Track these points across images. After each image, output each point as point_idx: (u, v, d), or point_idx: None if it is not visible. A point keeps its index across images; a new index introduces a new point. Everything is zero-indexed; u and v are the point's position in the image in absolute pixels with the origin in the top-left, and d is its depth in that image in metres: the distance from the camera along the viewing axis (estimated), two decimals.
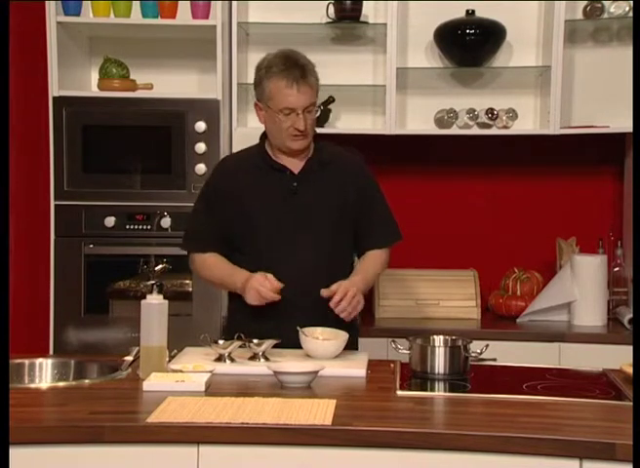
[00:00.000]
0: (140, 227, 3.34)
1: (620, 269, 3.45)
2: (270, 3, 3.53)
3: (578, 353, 3.10)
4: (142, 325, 2.25)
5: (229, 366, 2.32)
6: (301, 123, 2.46)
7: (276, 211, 2.52)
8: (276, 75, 2.47)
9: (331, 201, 2.54)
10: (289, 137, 2.49)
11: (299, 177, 2.54)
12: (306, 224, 2.52)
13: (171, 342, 2.31)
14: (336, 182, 2.56)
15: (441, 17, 3.48)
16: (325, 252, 2.52)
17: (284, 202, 2.53)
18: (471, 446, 1.80)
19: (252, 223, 2.53)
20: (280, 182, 2.54)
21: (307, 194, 2.53)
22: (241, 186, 2.55)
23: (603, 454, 1.75)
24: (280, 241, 2.52)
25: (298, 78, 2.45)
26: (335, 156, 2.60)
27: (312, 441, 1.83)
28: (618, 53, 3.49)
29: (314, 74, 2.51)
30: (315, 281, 2.46)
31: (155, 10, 3.35)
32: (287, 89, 2.45)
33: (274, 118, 2.48)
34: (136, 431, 1.85)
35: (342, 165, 2.60)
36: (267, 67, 2.50)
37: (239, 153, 2.72)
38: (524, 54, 3.54)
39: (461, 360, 2.26)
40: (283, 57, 2.51)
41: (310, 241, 2.51)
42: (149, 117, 3.32)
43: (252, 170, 2.57)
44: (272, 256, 2.50)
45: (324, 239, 2.53)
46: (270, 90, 2.48)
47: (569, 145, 3.51)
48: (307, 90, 2.46)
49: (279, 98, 2.46)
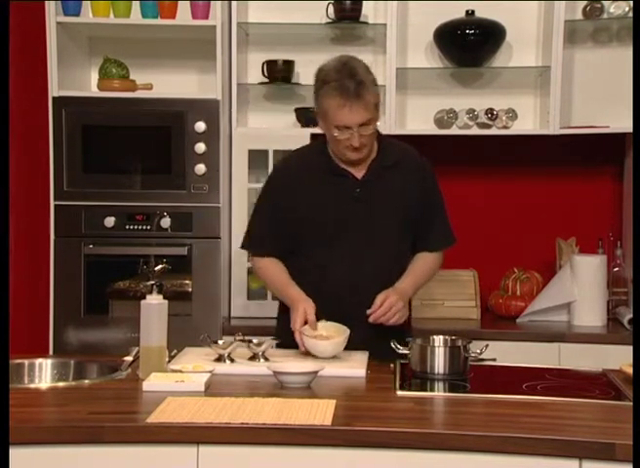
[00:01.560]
0: (139, 227, 3.34)
1: (619, 269, 3.45)
2: (270, 3, 3.53)
3: (577, 353, 3.10)
4: (142, 325, 2.25)
5: (229, 366, 2.31)
6: (356, 140, 2.41)
7: (338, 216, 2.50)
8: (330, 93, 2.39)
9: (394, 205, 2.51)
10: (345, 149, 2.46)
11: (361, 183, 2.51)
12: (369, 230, 2.50)
13: (170, 342, 2.31)
14: (399, 186, 2.53)
15: (441, 17, 3.48)
16: (386, 257, 2.51)
17: (346, 207, 2.50)
18: (471, 446, 1.80)
19: (313, 227, 2.51)
20: (343, 188, 2.51)
21: (370, 200, 2.51)
22: (304, 188, 2.52)
23: (602, 454, 1.75)
24: (341, 248, 2.50)
25: (351, 97, 2.36)
26: (398, 158, 2.55)
27: (312, 441, 1.83)
28: (617, 53, 3.49)
29: (371, 89, 2.40)
30: (375, 286, 2.46)
31: (155, 10, 3.35)
32: (339, 108, 2.38)
33: (330, 131, 2.45)
34: (135, 431, 1.84)
35: (406, 167, 2.56)
36: (323, 81, 2.42)
37: (301, 153, 2.66)
38: (524, 54, 3.54)
39: (461, 360, 2.26)
40: (339, 69, 2.40)
41: (372, 247, 2.50)
42: (149, 117, 3.32)
43: (315, 172, 2.53)
44: (332, 263, 2.49)
45: (386, 245, 2.51)
46: (324, 106, 2.42)
47: (568, 145, 3.51)
48: (361, 108, 2.37)
49: (332, 116, 2.41)
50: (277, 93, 3.63)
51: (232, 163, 3.45)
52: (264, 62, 3.51)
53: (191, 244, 3.33)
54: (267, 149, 3.45)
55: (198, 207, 3.33)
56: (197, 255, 3.33)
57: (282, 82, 3.53)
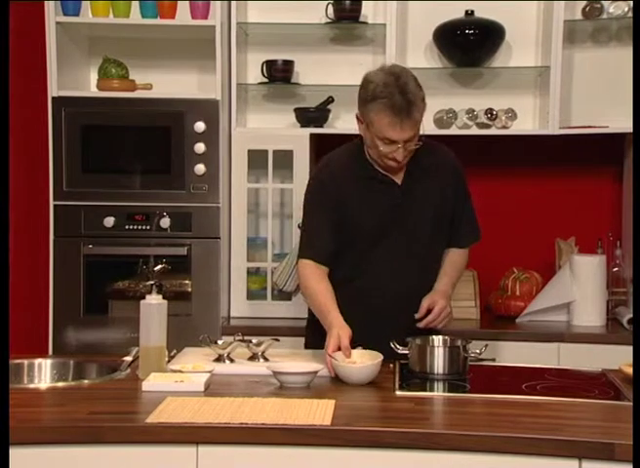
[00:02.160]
0: (139, 227, 3.34)
1: (619, 269, 3.45)
2: (269, 3, 3.53)
3: (577, 353, 3.10)
4: (142, 325, 2.25)
5: (229, 366, 2.32)
6: (400, 154, 2.40)
7: (382, 222, 2.49)
8: (381, 108, 2.34)
9: (432, 209, 2.52)
10: (385, 159, 2.45)
11: (402, 189, 2.51)
12: (410, 234, 2.50)
13: (170, 342, 2.31)
14: (436, 187, 2.54)
15: (440, 17, 3.48)
16: (426, 261, 2.53)
17: (389, 213, 2.50)
18: (470, 446, 1.80)
19: (358, 232, 2.49)
20: (385, 193, 2.50)
21: (411, 205, 2.51)
22: (348, 193, 2.50)
23: (602, 454, 1.75)
24: (383, 251, 2.49)
25: (402, 114, 2.33)
26: (433, 158, 2.55)
27: (311, 441, 1.83)
28: (617, 53, 3.48)
29: (420, 107, 2.37)
30: (414, 290, 2.48)
31: (154, 10, 3.35)
32: (390, 126, 2.35)
33: (374, 140, 2.43)
34: (135, 431, 1.85)
35: (441, 168, 2.56)
36: (374, 95, 2.36)
37: (340, 159, 2.59)
38: (523, 54, 3.54)
39: (460, 360, 2.26)
40: (391, 84, 2.35)
41: (413, 251, 2.50)
42: (149, 117, 3.31)
43: (356, 177, 2.51)
44: (377, 269, 2.49)
45: (425, 248, 2.52)
46: (373, 118, 2.38)
47: (568, 145, 3.51)
48: (411, 126, 2.36)
49: (380, 130, 2.37)
50: (277, 93, 3.63)
51: (232, 163, 3.45)
52: (264, 62, 3.51)
53: (191, 244, 3.33)
54: (267, 149, 3.45)
55: (198, 207, 3.33)
56: (197, 256, 3.33)
57: (281, 82, 3.53)
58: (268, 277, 3.48)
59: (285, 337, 2.69)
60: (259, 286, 3.52)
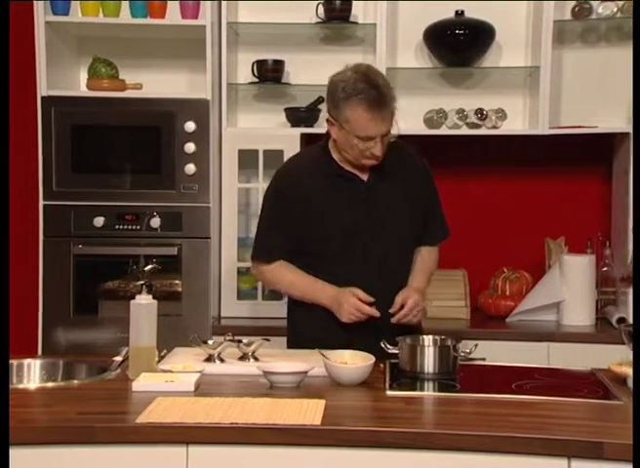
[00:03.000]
0: (129, 227, 3.33)
1: (608, 269, 3.46)
2: (260, 3, 3.53)
3: (566, 352, 3.11)
4: (132, 325, 2.24)
5: (219, 366, 2.31)
6: (378, 149, 2.41)
7: (346, 218, 2.49)
8: (357, 104, 2.36)
9: (398, 206, 2.52)
10: (363, 158, 2.45)
11: (367, 185, 2.51)
12: (376, 231, 2.50)
13: (160, 342, 2.31)
14: (401, 186, 2.53)
15: (430, 17, 3.48)
16: (395, 257, 2.52)
17: (353, 210, 2.50)
18: (460, 445, 1.80)
19: (321, 230, 2.50)
20: (349, 190, 2.51)
21: (377, 202, 2.51)
22: (308, 193, 2.50)
23: (591, 453, 1.75)
24: (349, 248, 2.49)
25: (380, 108, 2.36)
26: (398, 156, 2.55)
27: (302, 441, 1.83)
28: (605, 53, 3.50)
29: (393, 98, 2.40)
30: (385, 288, 2.47)
31: (144, 10, 3.34)
32: (369, 121, 2.36)
33: (349, 140, 2.42)
34: (125, 431, 1.84)
35: (407, 166, 2.57)
36: (348, 93, 2.38)
37: (302, 159, 2.64)
38: (513, 54, 3.55)
39: (451, 359, 2.26)
40: (364, 82, 2.37)
41: (380, 248, 2.50)
42: (139, 117, 3.31)
43: (318, 176, 2.52)
44: (341, 264, 2.49)
45: (395, 245, 2.52)
46: (349, 116, 2.38)
47: (557, 145, 3.52)
48: (387, 118, 2.38)
49: (358, 126, 2.38)
50: (267, 92, 3.63)
51: (222, 163, 3.45)
52: (254, 62, 3.51)
53: (181, 244, 3.32)
54: (257, 149, 3.45)
55: (188, 207, 3.33)
56: (187, 255, 3.32)
57: (272, 82, 3.53)
58: None
59: (275, 337, 2.68)
60: (249, 285, 3.51)
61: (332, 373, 2.19)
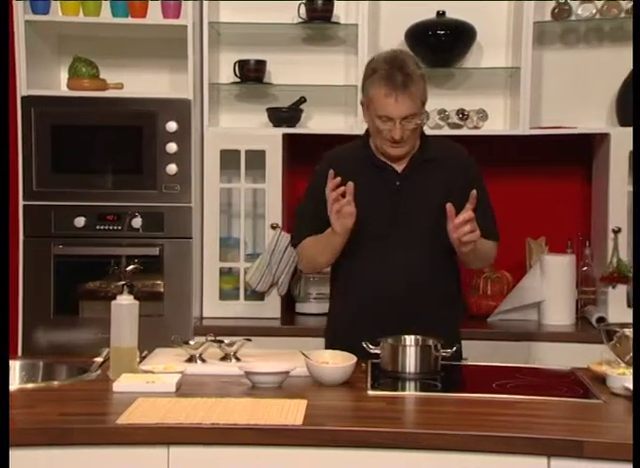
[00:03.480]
0: (110, 228, 3.32)
1: (588, 269, 3.49)
2: (242, 3, 3.52)
3: (547, 352, 3.14)
4: (113, 326, 2.23)
5: (200, 366, 2.31)
6: (397, 133, 2.40)
7: (378, 209, 2.48)
8: (377, 81, 2.40)
9: (436, 200, 2.46)
10: (385, 143, 2.46)
11: (402, 177, 2.50)
12: (409, 224, 2.48)
13: (142, 343, 2.30)
14: (440, 180, 2.50)
15: (412, 17, 3.49)
16: (425, 252, 2.48)
17: (386, 201, 2.49)
18: (441, 444, 1.81)
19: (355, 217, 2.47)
20: (383, 181, 2.50)
21: (410, 194, 2.49)
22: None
23: (571, 452, 1.76)
24: (379, 239, 2.48)
25: (398, 87, 2.37)
26: (441, 153, 2.54)
27: (283, 441, 1.83)
28: (585, 54, 3.53)
29: (419, 83, 2.41)
30: (413, 280, 2.46)
31: (125, 9, 3.33)
32: (385, 98, 2.38)
33: (373, 121, 2.45)
34: (105, 432, 1.83)
35: (449, 162, 2.54)
36: (373, 69, 2.43)
37: (343, 147, 2.65)
38: (494, 55, 3.57)
39: (432, 359, 2.27)
40: (389, 61, 2.42)
41: (411, 241, 2.47)
42: (120, 117, 3.30)
43: (355, 165, 2.52)
44: (369, 254, 2.47)
45: (425, 239, 2.48)
46: (371, 94, 2.42)
47: (538, 146, 3.54)
48: (407, 100, 2.38)
49: (377, 105, 2.41)
50: (249, 92, 3.63)
51: (204, 163, 3.44)
52: (236, 62, 3.51)
53: (163, 244, 3.32)
54: (239, 149, 3.45)
55: (170, 207, 3.32)
56: (169, 256, 3.31)
57: (254, 82, 3.53)
58: (241, 277, 3.48)
59: (257, 338, 2.68)
60: (231, 286, 3.51)
61: (313, 373, 2.20)
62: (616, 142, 3.33)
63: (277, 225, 3.42)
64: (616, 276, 3.31)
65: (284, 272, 3.42)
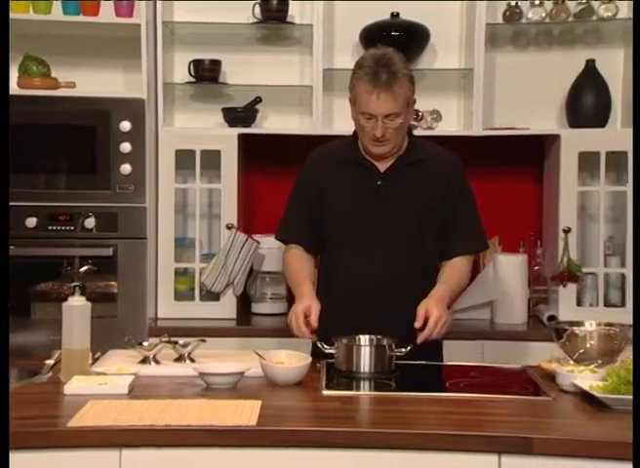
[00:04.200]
0: (63, 228, 3.28)
1: (539, 268, 3.54)
2: (196, 3, 3.50)
3: (500, 350, 3.17)
4: (64, 327, 2.21)
5: (154, 367, 2.29)
6: (379, 130, 2.40)
7: (357, 207, 2.49)
8: (362, 78, 2.41)
9: (415, 201, 2.48)
10: (368, 141, 2.46)
11: (384, 176, 2.50)
12: (387, 223, 2.48)
13: (96, 345, 2.28)
14: (423, 182, 2.50)
15: (366, 18, 3.51)
16: (405, 253, 2.47)
17: (366, 199, 2.49)
18: (395, 443, 1.82)
19: (331, 217, 2.50)
20: (364, 179, 2.50)
21: (391, 193, 2.49)
22: (326, 178, 2.52)
23: (520, 449, 1.79)
24: (358, 238, 2.48)
25: (381, 85, 2.37)
26: (426, 155, 2.54)
27: (237, 442, 1.83)
28: (535, 57, 3.58)
29: (403, 83, 2.40)
30: (392, 281, 2.46)
31: (77, 7, 3.29)
32: (368, 94, 2.39)
33: (358, 119, 2.46)
34: (56, 436, 1.81)
35: (434, 164, 2.54)
36: (359, 66, 2.45)
37: (330, 145, 2.66)
38: (447, 56, 3.60)
39: (386, 359, 2.28)
40: (376, 58, 2.43)
41: (390, 241, 2.47)
42: (72, 116, 3.27)
43: (339, 162, 2.54)
44: (349, 253, 2.48)
45: (405, 240, 2.48)
46: (356, 90, 2.44)
47: (491, 147, 3.57)
48: (389, 99, 2.38)
49: (360, 102, 2.42)
50: (204, 92, 3.61)
51: (159, 163, 3.42)
52: (191, 62, 3.49)
53: (116, 244, 3.29)
54: (194, 149, 3.44)
55: (124, 207, 3.29)
56: (123, 256, 3.29)
57: (209, 81, 3.52)
58: (196, 277, 3.46)
59: (213, 338, 2.67)
60: (186, 286, 3.49)
61: (268, 374, 2.20)
62: (566, 143, 3.38)
63: (233, 225, 3.42)
64: (566, 275, 3.36)
65: (240, 272, 3.42)
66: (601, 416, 1.93)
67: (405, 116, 2.44)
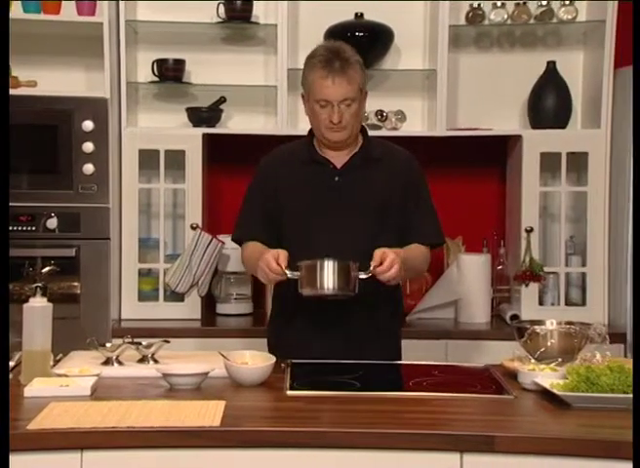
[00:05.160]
0: (24, 228, 3.25)
1: (502, 268, 3.57)
2: (160, 2, 3.48)
3: (463, 349, 3.20)
4: (25, 329, 2.19)
5: (117, 369, 2.28)
6: (335, 116, 2.42)
7: (315, 205, 2.49)
8: (315, 66, 2.44)
9: (373, 197, 2.49)
10: (325, 129, 2.46)
11: (341, 172, 2.51)
12: (345, 221, 2.48)
13: (58, 346, 2.27)
14: (380, 179, 2.51)
15: (331, 18, 3.51)
16: (363, 250, 2.43)
17: (324, 196, 2.49)
18: (358, 443, 1.83)
19: (288, 215, 2.49)
20: (322, 176, 2.51)
21: (349, 190, 2.49)
22: (283, 178, 2.51)
23: (482, 447, 1.80)
24: (317, 236, 2.47)
25: (336, 70, 2.41)
26: (383, 152, 2.55)
27: (201, 443, 1.82)
28: (498, 58, 3.62)
29: (356, 68, 2.45)
30: None
31: (37, 6, 3.26)
32: (322, 80, 2.42)
33: (313, 109, 2.46)
34: (16, 439, 1.78)
35: (390, 161, 2.54)
36: (311, 56, 2.49)
37: (285, 145, 2.66)
38: (411, 57, 3.62)
39: (351, 278, 2.28)
40: (328, 48, 2.48)
41: (348, 239, 2.46)
42: (34, 116, 3.24)
43: (295, 162, 2.54)
44: (306, 252, 2.43)
45: (362, 237, 2.47)
46: (310, 80, 2.46)
47: (455, 147, 3.60)
48: (344, 83, 2.41)
49: (315, 89, 2.44)
50: (168, 92, 3.59)
51: (122, 163, 3.40)
52: (154, 61, 3.47)
53: (79, 245, 3.26)
54: (158, 149, 3.42)
55: (86, 207, 3.27)
56: (86, 257, 3.26)
57: (173, 81, 3.50)
58: (160, 278, 3.44)
59: (178, 339, 2.67)
60: (151, 287, 3.48)
61: (232, 374, 2.19)
62: (528, 144, 3.42)
63: (197, 226, 3.41)
64: (528, 274, 3.40)
65: (204, 273, 3.41)
66: (561, 414, 1.95)
67: (360, 103, 2.47)
